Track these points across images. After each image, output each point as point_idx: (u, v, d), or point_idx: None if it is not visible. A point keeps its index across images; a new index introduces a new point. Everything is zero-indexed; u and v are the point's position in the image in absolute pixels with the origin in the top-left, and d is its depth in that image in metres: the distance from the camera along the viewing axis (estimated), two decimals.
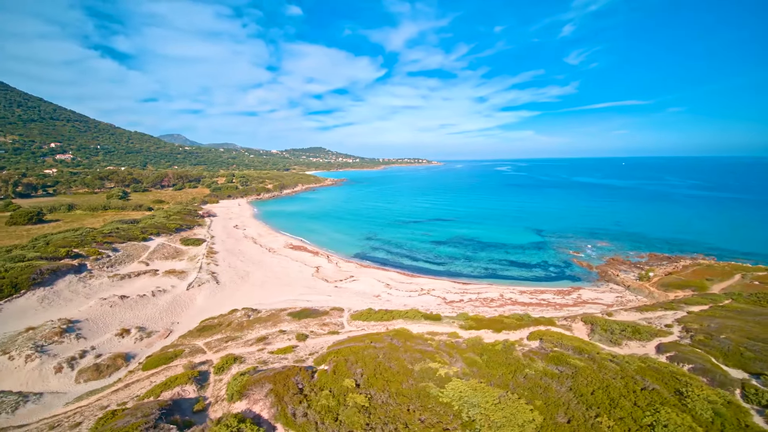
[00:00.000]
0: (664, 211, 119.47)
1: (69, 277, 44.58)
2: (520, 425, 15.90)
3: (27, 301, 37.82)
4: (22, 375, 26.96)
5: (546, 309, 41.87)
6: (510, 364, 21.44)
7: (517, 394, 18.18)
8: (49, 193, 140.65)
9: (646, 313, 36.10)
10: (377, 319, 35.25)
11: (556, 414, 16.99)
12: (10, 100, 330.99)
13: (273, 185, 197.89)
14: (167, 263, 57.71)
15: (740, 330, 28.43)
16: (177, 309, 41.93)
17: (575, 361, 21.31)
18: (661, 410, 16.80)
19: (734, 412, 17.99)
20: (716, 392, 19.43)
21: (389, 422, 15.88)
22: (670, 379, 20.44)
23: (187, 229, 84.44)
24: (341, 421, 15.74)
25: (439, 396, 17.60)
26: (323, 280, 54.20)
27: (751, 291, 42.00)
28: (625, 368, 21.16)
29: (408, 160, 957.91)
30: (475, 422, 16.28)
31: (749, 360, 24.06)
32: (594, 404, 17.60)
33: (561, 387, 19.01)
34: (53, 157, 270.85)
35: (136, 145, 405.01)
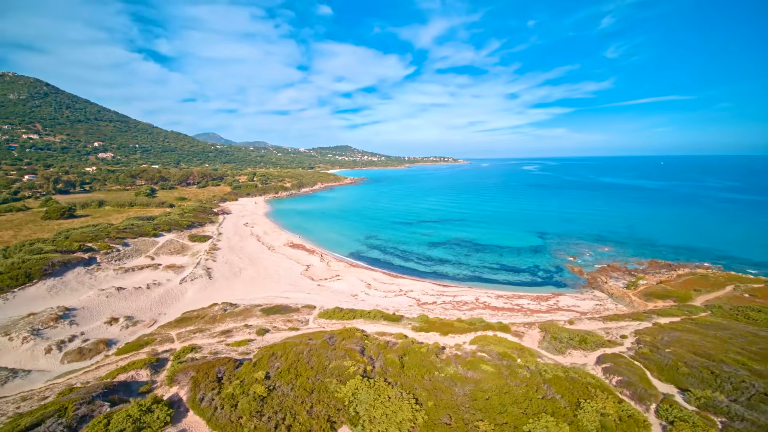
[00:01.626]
0: (686, 215, 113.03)
1: (78, 269, 49.52)
2: (397, 422, 17.17)
3: (37, 290, 42.64)
4: (17, 354, 30.97)
5: (515, 314, 41.98)
6: (424, 366, 22.54)
7: (412, 394, 19.38)
8: (86, 189, 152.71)
9: (609, 323, 35.59)
10: (339, 318, 37.02)
11: (442, 416, 18.05)
12: (60, 103, 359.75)
13: (291, 184, 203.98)
14: (171, 258, 62.21)
15: (691, 345, 27.80)
16: (167, 301, 45.62)
17: (487, 367, 22.09)
18: (542, 419, 17.49)
19: (628, 427, 18.33)
20: (621, 406, 19.74)
21: (279, 411, 17.61)
22: (579, 389, 20.85)
23: (198, 226, 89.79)
24: (237, 407, 17.66)
25: (335, 392, 19.13)
26: (309, 278, 56.61)
27: (738, 303, 40.11)
28: (535, 377, 21.70)
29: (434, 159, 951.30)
30: (359, 416, 17.71)
31: (683, 375, 23.82)
32: (483, 409, 18.49)
33: (460, 390, 19.97)
34: (96, 155, 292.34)
35: (171, 144, 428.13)
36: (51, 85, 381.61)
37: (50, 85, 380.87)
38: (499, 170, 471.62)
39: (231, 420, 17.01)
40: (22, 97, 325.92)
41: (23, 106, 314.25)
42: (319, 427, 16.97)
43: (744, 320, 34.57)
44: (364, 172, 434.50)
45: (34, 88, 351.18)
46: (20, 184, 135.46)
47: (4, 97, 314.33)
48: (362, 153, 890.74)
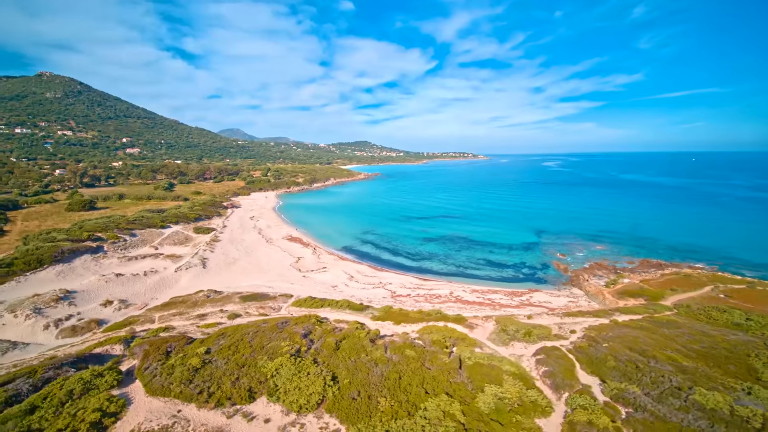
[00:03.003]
0: (698, 214, 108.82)
1: (85, 257, 54.18)
2: (308, 395, 19.24)
3: (47, 274, 47.26)
4: (20, 329, 35.05)
5: (483, 308, 43.11)
6: (356, 349, 24.45)
7: (333, 373, 21.37)
8: (110, 183, 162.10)
9: (567, 318, 36.27)
10: (308, 307, 39.39)
11: (351, 392, 19.97)
12: (92, 101, 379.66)
13: (303, 179, 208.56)
14: (173, 248, 66.47)
15: (633, 341, 28.38)
16: (161, 287, 49.41)
17: (410, 352, 23.77)
18: (439, 398, 19.13)
19: (524, 410, 19.68)
20: (527, 392, 21.06)
21: (208, 381, 20.04)
22: (493, 376, 22.28)
23: (205, 219, 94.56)
24: (172, 375, 20.20)
25: (262, 367, 21.38)
26: (297, 269, 59.37)
27: (710, 303, 39.67)
28: (454, 363, 23.23)
29: (453, 154, 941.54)
30: (277, 388, 19.89)
31: (609, 368, 24.69)
32: (390, 387, 20.28)
33: (377, 371, 21.79)
34: (124, 150, 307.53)
35: (195, 140, 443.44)
36: (84, 84, 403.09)
37: (83, 84, 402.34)
38: (517, 166, 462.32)
39: (163, 385, 19.57)
40: (58, 95, 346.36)
41: (59, 104, 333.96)
42: (239, 396, 19.27)
43: (705, 320, 34.45)
44: (379, 168, 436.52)
45: (68, 87, 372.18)
46: (51, 178, 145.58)
47: (41, 95, 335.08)
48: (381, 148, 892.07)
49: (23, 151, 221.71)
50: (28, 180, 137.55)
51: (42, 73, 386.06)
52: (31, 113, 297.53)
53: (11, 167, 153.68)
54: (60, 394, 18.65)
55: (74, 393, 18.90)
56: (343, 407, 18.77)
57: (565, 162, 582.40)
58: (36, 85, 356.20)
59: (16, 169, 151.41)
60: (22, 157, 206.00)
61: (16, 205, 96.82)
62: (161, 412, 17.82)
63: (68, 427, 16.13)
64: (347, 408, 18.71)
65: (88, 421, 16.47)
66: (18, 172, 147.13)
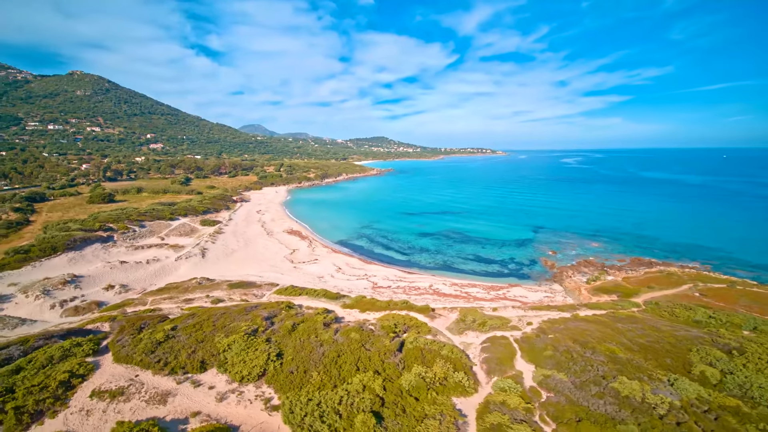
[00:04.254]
0: (709, 213, 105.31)
1: (96, 245, 58.79)
2: (250, 367, 21.64)
3: (60, 260, 51.86)
4: (30, 308, 39.22)
5: (457, 301, 44.56)
6: (308, 331, 26.70)
7: (280, 350, 23.70)
8: (131, 177, 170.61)
9: (531, 312, 37.39)
10: (288, 294, 41.99)
11: (291, 367, 22.24)
12: (119, 98, 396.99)
13: (315, 174, 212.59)
14: (178, 239, 70.70)
15: (580, 333, 29.42)
16: (161, 275, 53.26)
17: (354, 335, 25.81)
18: (366, 374, 21.14)
19: (444, 389, 21.46)
20: (455, 374, 22.73)
21: (167, 352, 22.76)
22: (427, 358, 24.09)
23: (214, 212, 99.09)
24: (137, 347, 23.03)
25: (217, 343, 23.94)
26: (290, 261, 62.26)
27: (683, 301, 39.76)
28: (394, 346, 25.12)
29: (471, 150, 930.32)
30: (227, 361, 22.39)
31: (545, 357, 26.05)
32: (326, 364, 22.44)
33: (320, 350, 23.97)
34: (148, 146, 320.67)
35: (215, 136, 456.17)
36: (112, 82, 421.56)
37: (111, 82, 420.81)
38: (534, 163, 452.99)
39: (128, 354, 22.43)
40: (87, 93, 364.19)
41: (88, 102, 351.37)
42: (192, 366, 21.89)
43: (667, 316, 34.86)
44: (394, 164, 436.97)
45: (97, 85, 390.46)
46: (77, 172, 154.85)
47: (72, 93, 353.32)
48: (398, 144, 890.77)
49: (55, 147, 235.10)
50: (57, 174, 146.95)
51: (73, 72, 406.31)
52: (63, 110, 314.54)
53: (42, 162, 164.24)
54: (42, 358, 21.78)
55: (54, 358, 21.99)
56: (280, 379, 21.09)
57: (586, 158, 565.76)
58: (68, 83, 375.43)
59: (46, 164, 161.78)
60: (54, 152, 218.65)
61: (44, 198, 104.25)
62: (121, 376, 20.64)
63: (41, 383, 19.09)
64: (283, 380, 21.01)
65: (58, 380, 19.40)
66: (48, 167, 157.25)
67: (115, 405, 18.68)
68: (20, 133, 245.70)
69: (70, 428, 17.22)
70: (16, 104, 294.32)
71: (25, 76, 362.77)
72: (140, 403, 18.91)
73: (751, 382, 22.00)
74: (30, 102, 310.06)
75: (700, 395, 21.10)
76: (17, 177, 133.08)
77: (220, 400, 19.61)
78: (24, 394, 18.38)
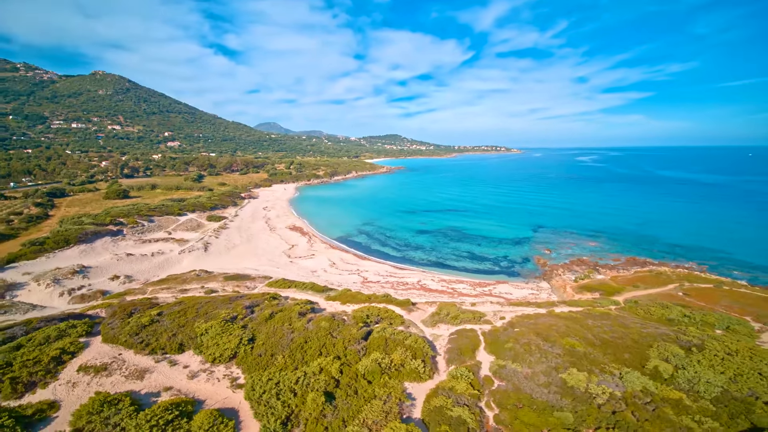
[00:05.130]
0: (716, 214, 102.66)
1: (106, 238, 62.36)
2: (222, 350, 23.59)
3: (72, 252, 55.44)
4: (41, 295, 42.47)
5: (442, 296, 45.80)
6: (283, 320, 28.53)
7: (253, 335, 25.62)
8: (147, 174, 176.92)
9: (507, 307, 38.34)
10: (278, 287, 44.05)
11: (261, 350, 24.10)
12: (139, 97, 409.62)
13: (324, 172, 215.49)
14: (184, 234, 73.96)
15: (545, 328, 30.31)
16: (165, 267, 56.23)
17: (324, 324, 27.48)
18: (327, 358, 22.81)
19: (399, 373, 22.92)
20: (412, 361, 24.16)
21: (150, 335, 24.96)
22: (390, 346, 25.55)
23: (221, 208, 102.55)
24: (124, 329, 25.32)
25: (196, 328, 26.02)
26: (287, 255, 64.53)
27: (666, 300, 39.92)
28: (359, 334, 26.67)
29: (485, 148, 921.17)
30: (203, 344, 24.43)
31: (505, 349, 27.22)
32: (293, 348, 24.21)
33: (290, 336, 25.76)
34: (165, 144, 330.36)
35: (231, 134, 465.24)
36: (132, 82, 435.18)
37: (131, 82, 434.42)
38: (548, 161, 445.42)
39: (114, 336, 24.73)
40: (109, 92, 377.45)
41: (109, 101, 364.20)
42: (170, 347, 24.02)
43: (642, 314, 35.25)
44: (405, 161, 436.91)
45: (118, 85, 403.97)
46: (97, 169, 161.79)
47: (95, 93, 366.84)
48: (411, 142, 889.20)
49: (78, 144, 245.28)
50: (77, 171, 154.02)
51: (95, 72, 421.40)
52: (85, 109, 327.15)
53: (64, 159, 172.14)
54: (40, 337, 24.29)
55: (50, 337, 24.47)
56: (249, 361, 22.98)
57: (602, 157, 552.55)
58: (90, 83, 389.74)
59: (68, 161, 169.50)
60: (76, 149, 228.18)
61: (63, 193, 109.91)
62: (106, 354, 22.92)
63: (35, 358, 21.49)
64: (251, 362, 22.89)
65: (51, 356, 21.77)
66: (70, 164, 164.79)
67: (98, 379, 20.91)
68: (45, 131, 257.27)
69: (58, 398, 19.49)
70: (42, 104, 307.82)
71: (51, 77, 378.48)
72: (120, 378, 21.09)
73: (700, 377, 22.65)
74: (55, 101, 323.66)
75: (646, 388, 21.91)
76: (41, 173, 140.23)
77: (192, 377, 21.63)
78: (20, 367, 20.79)
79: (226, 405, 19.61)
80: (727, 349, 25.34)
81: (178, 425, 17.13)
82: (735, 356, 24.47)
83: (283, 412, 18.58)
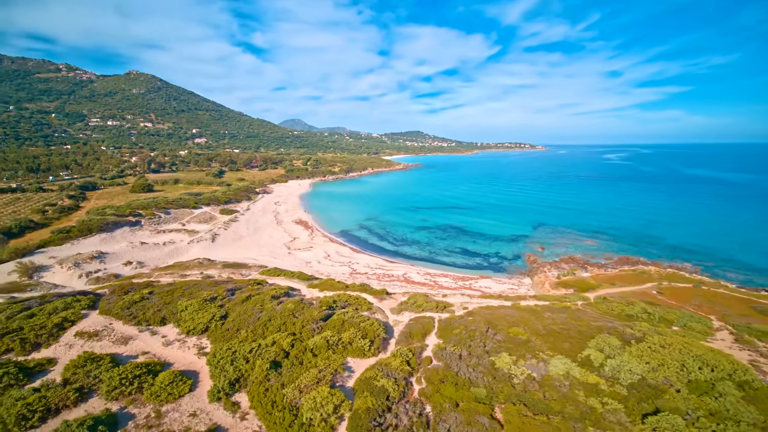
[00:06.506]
0: (730, 214, 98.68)
1: (125, 228, 68.50)
2: (195, 323, 27.22)
3: (93, 240, 61.62)
4: (63, 276, 48.18)
5: (423, 288, 48.17)
6: (256, 302, 31.95)
7: (227, 313, 29.16)
8: (173, 170, 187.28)
9: (476, 299, 40.31)
10: (269, 275, 47.78)
11: (229, 326, 27.55)
12: (169, 95, 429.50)
13: (339, 168, 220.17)
14: (197, 225, 79.56)
15: (498, 318, 32.25)
16: (174, 255, 61.47)
17: (288, 306, 30.64)
18: (283, 334, 25.97)
19: (345, 350, 25.76)
20: (362, 340, 26.92)
21: (138, 310, 28.96)
22: (345, 328, 28.39)
23: (235, 202, 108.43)
24: (117, 304, 29.48)
25: (179, 305, 29.83)
26: (287, 247, 68.54)
27: (638, 298, 40.71)
28: (319, 316, 29.67)
29: (508, 145, 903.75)
30: (182, 318, 28.17)
31: (453, 335, 29.47)
32: (257, 325, 27.51)
33: (258, 315, 29.09)
34: (193, 140, 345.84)
35: (255, 131, 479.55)
36: (163, 81, 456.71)
37: (162, 80, 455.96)
38: (571, 159, 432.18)
39: (109, 309, 28.92)
40: (142, 91, 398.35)
41: (142, 99, 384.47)
42: (154, 320, 27.92)
43: (604, 309, 36.28)
44: (424, 158, 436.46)
45: (150, 84, 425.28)
46: (127, 164, 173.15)
47: (129, 92, 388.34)
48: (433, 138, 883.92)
49: (112, 141, 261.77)
50: (109, 166, 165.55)
51: (130, 72, 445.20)
52: (120, 107, 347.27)
53: (99, 155, 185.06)
54: (49, 308, 28.80)
55: (58, 308, 28.94)
56: (217, 334, 26.50)
57: (631, 154, 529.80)
58: (125, 82, 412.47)
59: (102, 157, 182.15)
60: (111, 146, 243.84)
61: (95, 187, 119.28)
62: (99, 323, 27.06)
63: (41, 324, 25.84)
64: (219, 335, 26.39)
65: (54, 323, 26.08)
66: (103, 159, 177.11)
67: (90, 343, 24.98)
68: (84, 128, 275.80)
69: (56, 356, 23.63)
70: (81, 102, 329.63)
71: (89, 77, 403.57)
72: (108, 343, 25.09)
73: (623, 366, 24.15)
74: (93, 100, 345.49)
75: (569, 372, 23.69)
76: (77, 168, 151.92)
77: (166, 345, 25.36)
78: (29, 330, 25.15)
79: (189, 368, 23.13)
80: (663, 343, 26.51)
81: (144, 380, 20.73)
82: (666, 349, 25.67)
83: (233, 374, 21.86)
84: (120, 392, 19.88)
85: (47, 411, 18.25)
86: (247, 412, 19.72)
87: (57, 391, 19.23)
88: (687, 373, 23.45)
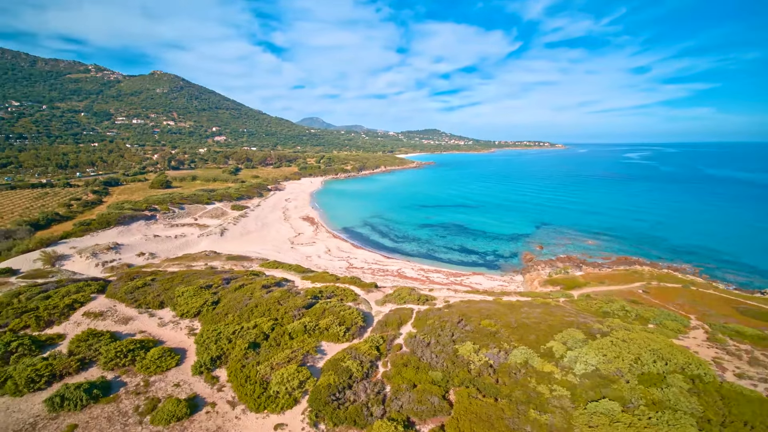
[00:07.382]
0: (741, 216, 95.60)
1: (140, 222, 72.99)
2: (189, 307, 29.97)
3: (111, 232, 66.14)
4: (81, 265, 52.40)
5: (414, 282, 49.89)
6: (248, 290, 34.52)
7: (219, 299, 31.85)
8: (192, 167, 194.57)
9: (460, 294, 41.71)
10: (268, 267, 50.53)
11: (219, 311, 30.18)
12: (191, 95, 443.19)
13: (352, 166, 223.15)
14: (208, 220, 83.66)
15: (473, 311, 33.67)
16: (184, 247, 65.31)
17: (275, 294, 33.04)
18: (265, 319, 28.38)
19: (320, 335, 27.94)
20: (339, 327, 29.03)
21: (140, 295, 32.00)
22: (325, 316, 30.57)
23: (246, 199, 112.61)
24: (122, 289, 32.63)
25: (176, 291, 32.72)
26: (291, 242, 71.43)
27: (623, 297, 41.26)
28: (302, 304, 31.95)
29: (526, 143, 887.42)
30: (178, 303, 31.02)
31: (426, 325, 31.17)
32: (244, 310, 30.03)
33: (247, 302, 31.62)
34: (213, 138, 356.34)
35: (273, 129, 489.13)
36: (185, 80, 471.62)
37: (185, 80, 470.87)
38: (590, 158, 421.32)
39: (114, 293, 32.08)
40: (165, 91, 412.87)
41: (165, 98, 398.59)
42: (153, 304, 30.87)
43: (583, 306, 37.11)
44: (438, 157, 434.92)
45: (173, 83, 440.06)
46: (148, 161, 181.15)
47: (153, 91, 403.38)
48: (449, 136, 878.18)
49: (136, 139, 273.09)
50: (132, 162, 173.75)
51: (154, 72, 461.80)
52: (144, 106, 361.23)
53: (123, 152, 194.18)
54: (63, 291, 32.21)
55: (71, 292, 32.31)
56: (207, 317, 29.16)
57: (654, 153, 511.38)
58: (149, 82, 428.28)
59: (126, 154, 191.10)
60: (135, 143, 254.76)
61: (118, 182, 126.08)
62: (104, 305, 30.19)
63: (54, 305, 29.14)
64: (209, 318, 29.05)
65: (66, 303, 29.35)
66: (127, 156, 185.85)
67: (96, 321, 28.07)
68: (110, 126, 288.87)
69: (66, 332, 26.77)
70: (108, 101, 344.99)
71: (116, 77, 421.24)
72: (111, 322, 28.12)
73: (580, 357, 25.33)
74: (119, 99, 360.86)
75: (527, 361, 25.10)
76: (102, 165, 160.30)
77: (162, 326, 28.19)
78: (43, 310, 28.46)
79: (179, 346, 25.81)
80: (625, 337, 27.45)
81: (137, 354, 23.48)
82: (627, 343, 26.62)
83: (216, 352, 24.38)
84: (115, 363, 22.67)
85: (52, 376, 21.17)
86: (224, 385, 22.14)
87: (62, 360, 22.18)
88: (641, 366, 24.44)
